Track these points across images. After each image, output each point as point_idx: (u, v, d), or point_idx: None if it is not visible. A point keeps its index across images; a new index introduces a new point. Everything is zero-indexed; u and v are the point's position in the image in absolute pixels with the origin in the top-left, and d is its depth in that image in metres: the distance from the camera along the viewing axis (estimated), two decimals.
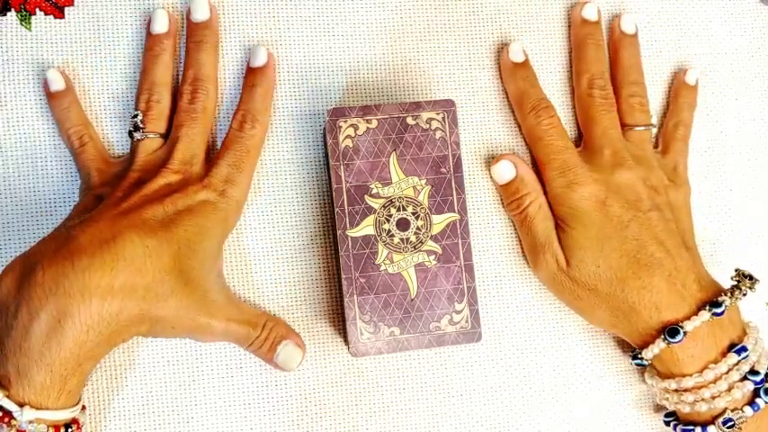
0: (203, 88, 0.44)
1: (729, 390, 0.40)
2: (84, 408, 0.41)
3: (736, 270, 0.43)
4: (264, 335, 0.43)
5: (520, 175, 0.46)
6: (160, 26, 0.44)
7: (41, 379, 0.36)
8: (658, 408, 0.48)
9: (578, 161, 0.44)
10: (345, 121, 0.41)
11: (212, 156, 0.45)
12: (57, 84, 0.44)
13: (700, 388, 0.41)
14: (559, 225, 0.45)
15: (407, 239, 0.41)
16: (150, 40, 0.44)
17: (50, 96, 0.44)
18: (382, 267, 0.41)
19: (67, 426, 0.37)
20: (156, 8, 0.45)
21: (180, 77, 0.45)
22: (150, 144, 0.43)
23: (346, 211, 0.41)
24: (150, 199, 0.40)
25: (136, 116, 0.43)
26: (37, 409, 0.36)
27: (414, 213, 0.41)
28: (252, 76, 0.45)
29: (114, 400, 0.44)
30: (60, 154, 0.45)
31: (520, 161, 0.46)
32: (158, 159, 0.43)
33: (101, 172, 0.43)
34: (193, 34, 0.45)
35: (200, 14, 0.44)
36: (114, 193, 0.41)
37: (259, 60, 0.45)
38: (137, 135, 0.43)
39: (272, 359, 0.43)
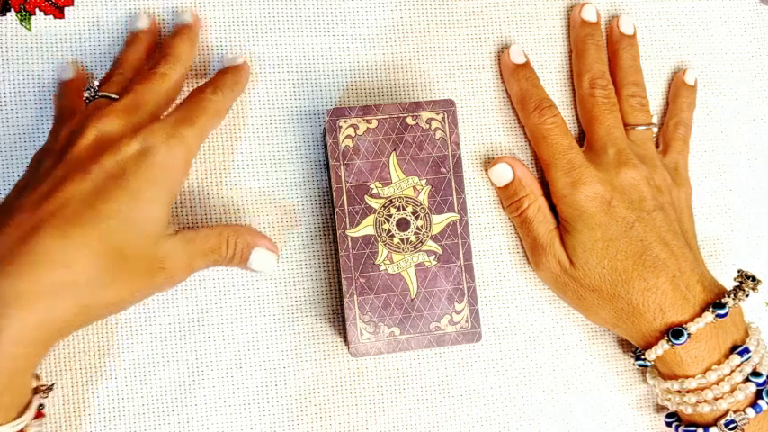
0: (169, 61, 0.41)
1: (732, 391, 0.40)
2: (40, 415, 0.38)
3: (738, 271, 0.43)
4: (231, 251, 0.41)
5: (518, 177, 0.46)
6: (141, 24, 0.44)
7: None
8: (659, 408, 0.48)
9: (583, 160, 0.44)
10: (345, 121, 0.41)
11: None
12: (67, 73, 0.44)
13: (702, 389, 0.41)
14: (563, 226, 0.45)
15: (407, 239, 0.41)
16: (129, 36, 0.44)
17: (60, 84, 0.44)
18: (382, 267, 0.41)
19: None
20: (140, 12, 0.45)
21: None
22: (99, 103, 0.39)
23: (346, 211, 0.41)
24: (75, 167, 0.36)
25: (93, 82, 0.41)
26: None
27: (414, 213, 0.41)
28: (225, 68, 0.44)
29: (114, 400, 0.44)
30: None
31: (517, 163, 0.46)
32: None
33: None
34: (173, 30, 0.44)
35: (185, 17, 0.44)
36: (44, 164, 0.37)
37: (236, 61, 0.45)
38: (85, 94, 0.40)
39: (246, 267, 0.42)
